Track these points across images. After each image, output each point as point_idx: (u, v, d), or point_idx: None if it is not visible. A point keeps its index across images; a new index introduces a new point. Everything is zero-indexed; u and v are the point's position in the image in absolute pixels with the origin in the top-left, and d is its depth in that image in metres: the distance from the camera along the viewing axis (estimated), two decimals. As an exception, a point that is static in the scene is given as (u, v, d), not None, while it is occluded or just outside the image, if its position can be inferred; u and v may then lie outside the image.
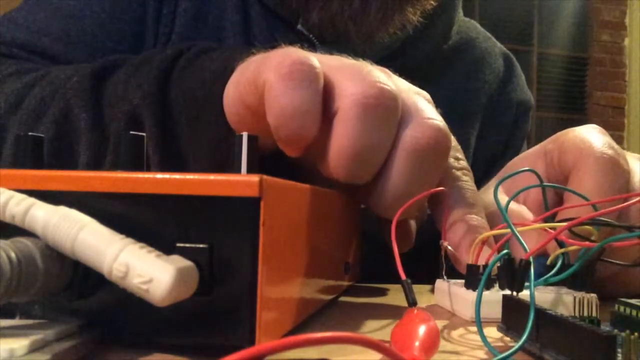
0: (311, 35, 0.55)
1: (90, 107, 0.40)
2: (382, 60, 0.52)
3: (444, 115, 0.34)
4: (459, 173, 0.36)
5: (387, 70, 0.33)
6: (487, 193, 0.43)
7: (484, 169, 0.62)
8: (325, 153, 0.31)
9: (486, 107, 0.65)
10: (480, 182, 0.54)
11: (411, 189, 0.32)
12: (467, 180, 0.37)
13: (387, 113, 0.31)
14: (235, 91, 0.33)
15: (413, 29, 0.57)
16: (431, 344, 0.20)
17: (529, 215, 0.38)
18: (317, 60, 0.31)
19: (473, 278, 0.31)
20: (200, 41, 0.44)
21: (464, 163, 0.38)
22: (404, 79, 0.35)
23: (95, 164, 0.40)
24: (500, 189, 0.34)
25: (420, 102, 0.33)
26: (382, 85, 0.31)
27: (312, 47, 0.54)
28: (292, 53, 0.30)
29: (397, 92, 0.31)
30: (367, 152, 0.31)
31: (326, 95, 0.31)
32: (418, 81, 0.36)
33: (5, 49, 0.53)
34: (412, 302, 0.24)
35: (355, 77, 0.31)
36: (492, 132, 0.65)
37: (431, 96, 0.35)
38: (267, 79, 0.30)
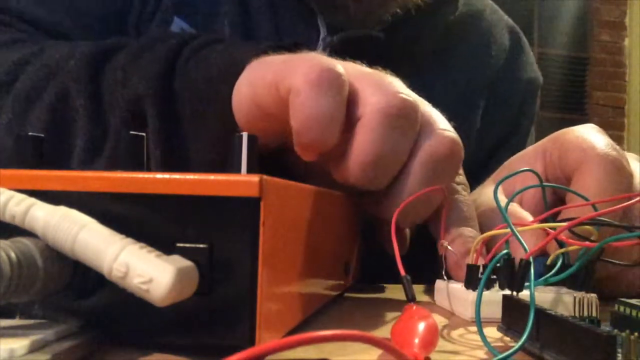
0: (312, 3, 0.52)
1: (89, 93, 0.39)
2: (387, 30, 0.51)
3: (451, 94, 0.34)
4: (459, 187, 0.38)
5: (401, 81, 0.34)
6: (484, 192, 0.43)
7: (489, 151, 0.60)
8: (344, 158, 0.32)
9: (492, 82, 0.62)
10: (484, 165, 0.54)
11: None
12: (465, 195, 0.38)
13: (408, 123, 0.32)
14: (248, 91, 0.33)
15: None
16: (430, 340, 0.20)
17: (521, 213, 0.38)
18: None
19: (473, 278, 0.31)
20: (203, 33, 0.44)
21: (462, 178, 0.39)
22: (410, 54, 0.35)
23: (94, 152, 0.39)
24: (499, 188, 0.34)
25: (434, 113, 0.34)
26: (404, 96, 0.31)
27: (313, 16, 0.53)
28: (318, 59, 0.31)
29: (416, 104, 0.32)
30: (386, 160, 0.32)
31: (348, 102, 0.31)
32: (426, 57, 0.36)
33: None
34: (412, 298, 0.25)
35: (378, 86, 0.32)
36: (498, 110, 0.62)
37: (438, 74, 0.36)
38: (294, 84, 0.30)
